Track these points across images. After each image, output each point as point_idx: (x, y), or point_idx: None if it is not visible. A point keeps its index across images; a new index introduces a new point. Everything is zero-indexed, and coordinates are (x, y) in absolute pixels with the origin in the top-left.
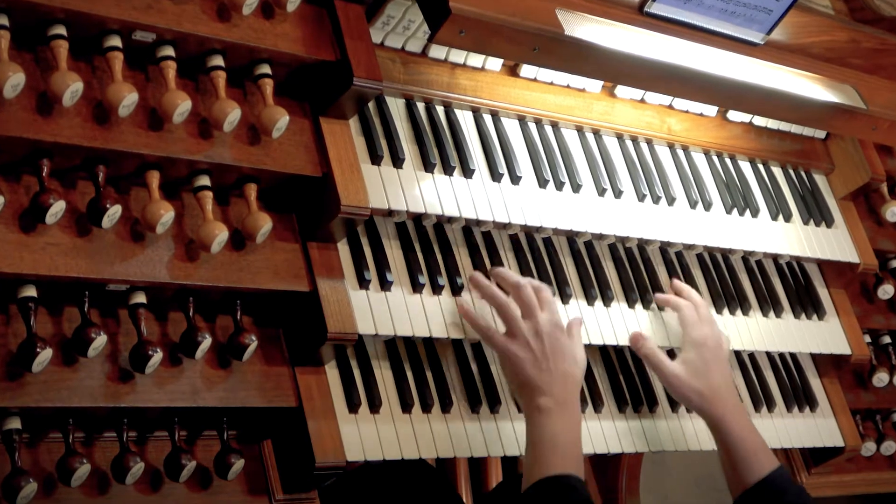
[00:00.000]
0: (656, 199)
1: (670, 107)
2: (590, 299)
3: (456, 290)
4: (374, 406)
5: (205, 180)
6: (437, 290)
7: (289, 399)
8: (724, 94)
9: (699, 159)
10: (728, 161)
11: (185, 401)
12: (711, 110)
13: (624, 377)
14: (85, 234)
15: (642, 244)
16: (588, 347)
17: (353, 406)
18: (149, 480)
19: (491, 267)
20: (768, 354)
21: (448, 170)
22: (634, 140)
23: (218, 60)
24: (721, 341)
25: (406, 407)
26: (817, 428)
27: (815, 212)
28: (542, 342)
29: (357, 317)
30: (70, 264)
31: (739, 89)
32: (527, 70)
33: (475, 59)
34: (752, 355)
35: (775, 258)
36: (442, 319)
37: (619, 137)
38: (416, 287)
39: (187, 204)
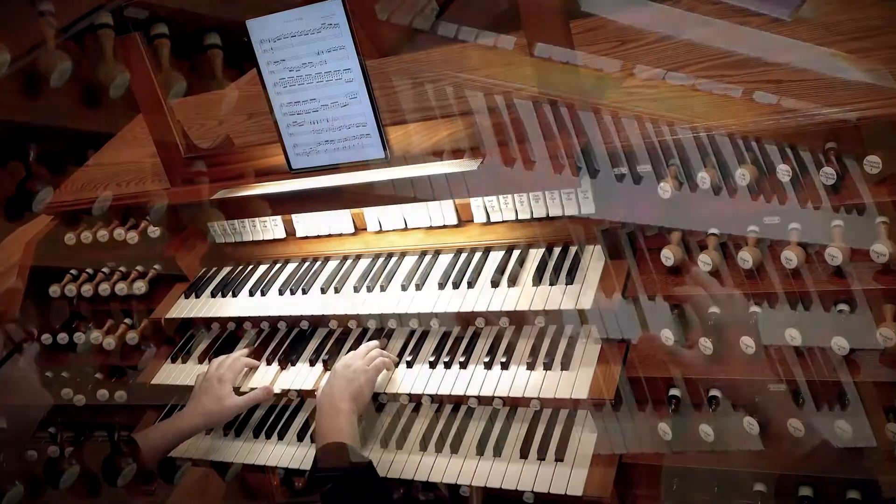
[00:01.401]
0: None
1: (693, 87)
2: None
3: None
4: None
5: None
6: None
7: (291, 399)
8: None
9: (723, 142)
10: (754, 144)
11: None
12: (736, 91)
13: (643, 375)
14: (75, 224)
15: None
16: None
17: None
18: (142, 482)
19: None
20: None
21: (457, 154)
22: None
23: (214, 39)
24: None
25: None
26: (847, 427)
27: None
28: None
29: None
30: (61, 255)
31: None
32: (541, 49)
33: (486, 38)
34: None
35: (804, 247)
36: None
37: (638, 120)
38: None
39: None
